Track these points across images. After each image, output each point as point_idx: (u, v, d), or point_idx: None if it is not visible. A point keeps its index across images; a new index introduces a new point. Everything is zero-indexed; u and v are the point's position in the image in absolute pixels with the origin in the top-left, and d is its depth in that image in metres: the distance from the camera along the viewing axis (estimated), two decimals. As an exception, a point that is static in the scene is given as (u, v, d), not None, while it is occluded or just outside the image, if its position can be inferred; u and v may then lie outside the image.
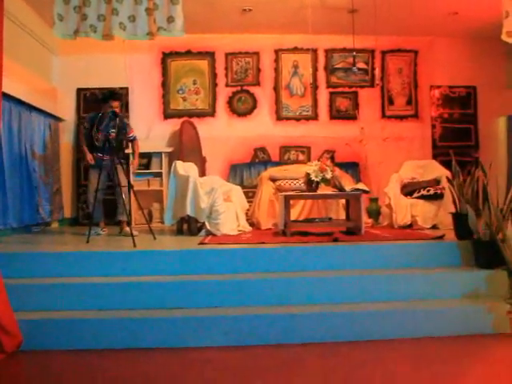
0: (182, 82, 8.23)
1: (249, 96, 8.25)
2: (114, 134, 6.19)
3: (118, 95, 6.54)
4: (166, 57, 8.17)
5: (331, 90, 8.38)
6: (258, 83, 8.28)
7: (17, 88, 5.88)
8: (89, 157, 6.19)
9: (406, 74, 8.50)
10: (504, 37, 5.08)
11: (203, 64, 8.24)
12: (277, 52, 8.32)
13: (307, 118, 8.32)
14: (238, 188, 6.65)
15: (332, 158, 6.81)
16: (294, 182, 6.84)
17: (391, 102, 8.43)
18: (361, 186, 6.16)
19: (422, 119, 8.46)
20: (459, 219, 4.93)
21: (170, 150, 7.90)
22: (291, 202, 5.81)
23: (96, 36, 4.67)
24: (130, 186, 6.03)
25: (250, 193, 7.49)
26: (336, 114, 8.35)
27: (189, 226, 6.11)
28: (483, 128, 8.40)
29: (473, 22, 7.22)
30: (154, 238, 5.56)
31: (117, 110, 6.17)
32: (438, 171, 6.76)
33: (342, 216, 6.37)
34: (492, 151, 8.05)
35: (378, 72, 8.36)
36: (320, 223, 5.88)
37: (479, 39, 7.87)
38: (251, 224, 6.62)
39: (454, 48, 8.24)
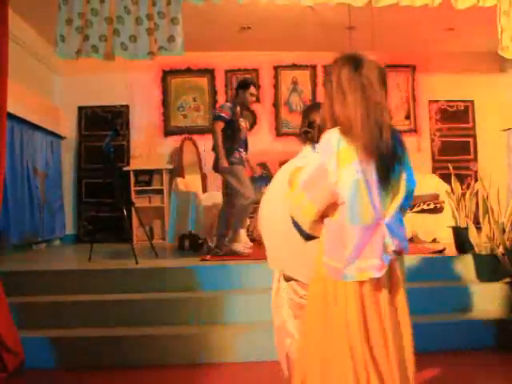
0: (182, 99, 8.31)
1: (249, 112, 8.31)
2: (246, 126, 5.72)
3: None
4: (166, 74, 8.25)
5: (330, 105, 8.43)
6: (257, 100, 8.33)
7: (19, 107, 5.94)
8: (225, 162, 5.26)
9: (403, 89, 8.58)
10: (500, 51, 5.15)
11: (203, 81, 8.32)
12: (276, 69, 8.40)
13: (307, 134, 8.36)
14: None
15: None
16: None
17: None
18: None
19: (421, 133, 8.52)
20: (459, 233, 4.95)
21: (170, 166, 7.95)
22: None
23: (98, 56, 4.72)
24: (131, 204, 6.05)
25: (251, 208, 7.50)
26: (335, 130, 8.40)
27: (190, 242, 6.13)
28: (482, 141, 8.46)
29: (469, 38, 7.29)
30: (156, 255, 5.58)
31: (254, 98, 5.67)
32: (438, 185, 6.79)
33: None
34: (491, 164, 8.09)
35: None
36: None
37: (475, 54, 7.95)
38: (252, 240, 6.62)
39: (451, 63, 8.32)
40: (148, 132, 8.14)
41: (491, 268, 4.45)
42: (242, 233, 6.37)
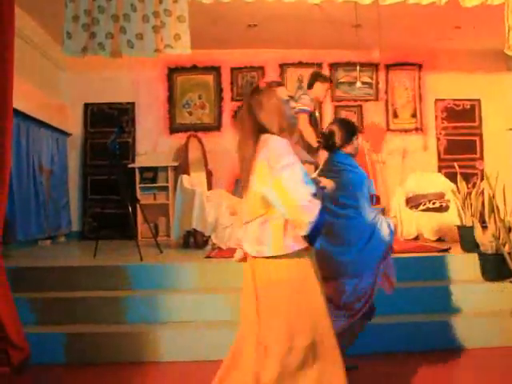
0: (188, 96, 8.31)
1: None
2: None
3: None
4: (172, 72, 8.25)
5: (336, 103, 8.44)
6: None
7: (26, 103, 5.97)
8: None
9: (410, 88, 8.55)
10: (507, 50, 5.13)
11: (209, 78, 8.32)
12: (282, 66, 8.39)
13: (312, 132, 8.36)
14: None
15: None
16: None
17: (396, 116, 8.48)
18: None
19: (427, 132, 8.50)
20: (465, 232, 4.94)
21: (176, 164, 7.96)
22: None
23: (104, 54, 4.74)
24: (136, 201, 6.06)
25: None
26: (341, 128, 8.38)
27: (195, 239, 6.14)
28: (488, 140, 8.43)
29: (476, 36, 7.26)
30: (161, 252, 5.59)
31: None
32: (443, 184, 6.77)
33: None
34: (497, 163, 8.06)
35: (381, 85, 8.42)
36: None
37: (482, 52, 7.91)
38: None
39: (457, 61, 8.28)
40: (153, 129, 8.16)
41: (496, 267, 4.44)
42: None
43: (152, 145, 8.11)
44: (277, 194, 2.24)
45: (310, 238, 2.25)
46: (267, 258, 2.28)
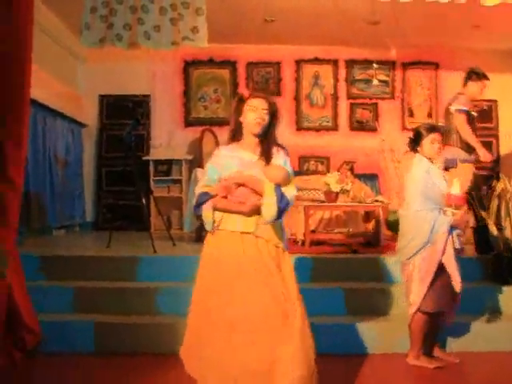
0: (204, 90, 8.32)
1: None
2: None
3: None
4: (188, 65, 8.26)
5: (351, 101, 8.39)
6: (278, 93, 8.32)
7: (42, 93, 6.00)
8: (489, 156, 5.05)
9: (426, 87, 8.48)
10: (525, 51, 5.07)
11: (225, 73, 8.32)
12: (298, 62, 8.36)
13: (327, 129, 8.34)
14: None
15: (351, 170, 6.80)
16: (314, 192, 6.85)
17: (411, 115, 8.42)
18: (380, 197, 6.14)
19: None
20: (480, 233, 4.89)
21: (190, 157, 7.97)
22: (311, 212, 5.82)
23: (122, 45, 4.76)
24: (150, 193, 6.08)
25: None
26: (356, 125, 8.37)
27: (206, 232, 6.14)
28: (505, 141, 8.34)
29: (494, 36, 7.18)
30: (174, 244, 5.61)
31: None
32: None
33: (361, 228, 6.36)
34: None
35: (398, 84, 8.37)
36: (339, 234, 5.88)
37: (501, 52, 7.82)
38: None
39: (475, 61, 8.11)
40: (168, 122, 8.17)
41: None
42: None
43: (167, 138, 8.13)
44: None
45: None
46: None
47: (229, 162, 2.71)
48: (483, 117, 8.45)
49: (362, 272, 4.62)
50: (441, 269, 3.47)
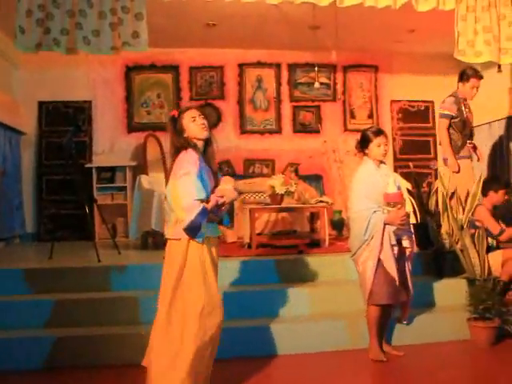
0: (147, 95, 8.22)
1: (213, 110, 8.29)
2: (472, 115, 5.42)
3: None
4: (130, 70, 8.14)
5: (294, 103, 8.51)
6: (222, 97, 8.34)
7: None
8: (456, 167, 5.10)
9: (366, 89, 8.71)
10: (456, 55, 5.30)
11: (167, 77, 8.25)
12: (241, 66, 8.40)
13: (271, 132, 8.41)
14: (203, 201, 6.64)
15: (296, 171, 6.89)
16: (259, 195, 6.89)
17: (353, 116, 8.62)
18: (324, 198, 6.25)
19: (383, 133, 8.65)
20: (420, 230, 5.05)
21: (134, 163, 7.85)
22: (256, 214, 5.86)
23: (59, 50, 4.63)
24: (93, 201, 5.96)
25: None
26: (299, 128, 8.48)
27: (154, 239, 6.08)
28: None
29: (429, 39, 7.45)
30: (119, 253, 5.51)
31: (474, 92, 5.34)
32: (399, 183, 6.90)
33: (307, 228, 6.45)
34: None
35: (339, 86, 8.55)
36: (285, 236, 5.94)
37: (436, 55, 8.10)
38: (216, 237, 6.60)
39: (412, 63, 8.47)
40: (111, 128, 8.02)
41: (450, 264, 4.58)
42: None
43: (109, 144, 7.98)
44: (171, 194, 2.87)
45: (189, 232, 2.83)
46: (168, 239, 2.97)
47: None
48: (421, 117, 8.78)
49: (308, 272, 4.69)
50: (382, 264, 3.61)
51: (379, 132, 3.82)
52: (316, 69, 7.42)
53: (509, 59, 5.37)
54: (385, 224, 3.59)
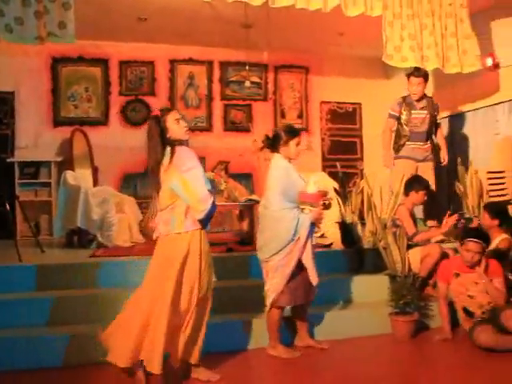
0: (74, 88, 7.96)
1: (143, 106, 8.16)
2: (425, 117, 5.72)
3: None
4: (57, 62, 7.85)
5: (226, 102, 8.52)
6: (153, 93, 8.21)
7: None
8: (390, 163, 5.74)
9: (297, 89, 8.86)
10: (385, 59, 5.51)
11: (96, 71, 8.03)
12: (172, 62, 8.31)
13: (202, 130, 8.37)
14: (132, 199, 6.53)
15: (226, 169, 6.92)
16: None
17: (283, 116, 8.74)
18: (254, 196, 6.30)
19: (313, 133, 8.86)
20: (345, 228, 5.21)
21: (59, 159, 7.57)
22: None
23: (-22, 37, 4.40)
24: (15, 197, 5.70)
25: (144, 203, 7.37)
26: (230, 126, 8.50)
27: (79, 237, 5.90)
28: (367, 142, 8.94)
29: (358, 43, 7.68)
30: (42, 251, 5.31)
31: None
32: (327, 182, 7.06)
33: (236, 227, 6.48)
34: (376, 164, 8.57)
35: (270, 86, 8.64)
36: (214, 234, 5.94)
37: (364, 59, 8.36)
38: (145, 235, 6.51)
39: (341, 66, 8.70)
40: (35, 122, 7.68)
41: (374, 261, 4.74)
42: (135, 228, 6.24)
43: (33, 138, 7.65)
44: (182, 188, 3.02)
45: (203, 221, 3.11)
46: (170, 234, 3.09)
47: None
48: (349, 118, 9.04)
49: (236, 270, 4.71)
50: (299, 265, 3.66)
51: (297, 131, 3.87)
52: (247, 67, 7.47)
53: (431, 65, 5.66)
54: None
